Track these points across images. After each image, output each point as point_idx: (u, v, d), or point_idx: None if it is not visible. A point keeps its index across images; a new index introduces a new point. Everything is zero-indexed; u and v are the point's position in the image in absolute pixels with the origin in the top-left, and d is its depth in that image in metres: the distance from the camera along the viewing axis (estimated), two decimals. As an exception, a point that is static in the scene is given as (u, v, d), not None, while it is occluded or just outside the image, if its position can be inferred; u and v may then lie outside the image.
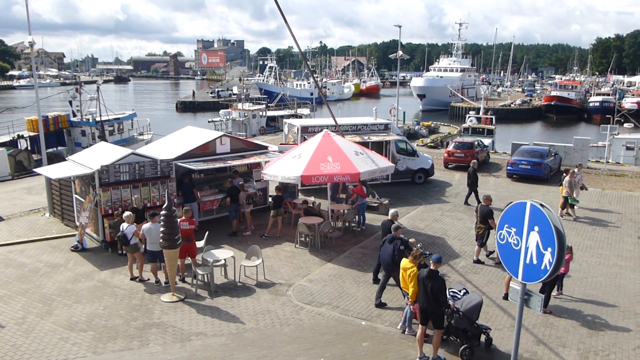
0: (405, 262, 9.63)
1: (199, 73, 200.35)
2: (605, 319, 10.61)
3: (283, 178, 14.69)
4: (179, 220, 11.49)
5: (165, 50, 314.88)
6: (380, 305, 11.01)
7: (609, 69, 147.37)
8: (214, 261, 11.85)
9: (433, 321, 8.88)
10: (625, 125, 39.86)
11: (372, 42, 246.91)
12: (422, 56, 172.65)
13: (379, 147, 21.12)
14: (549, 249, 6.00)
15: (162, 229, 10.86)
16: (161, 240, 10.89)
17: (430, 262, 8.89)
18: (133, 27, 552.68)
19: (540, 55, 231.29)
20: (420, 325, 9.09)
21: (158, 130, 36.80)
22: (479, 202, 18.04)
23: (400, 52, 41.44)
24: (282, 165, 14.92)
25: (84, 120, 31.65)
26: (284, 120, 26.40)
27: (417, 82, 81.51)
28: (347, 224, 16.41)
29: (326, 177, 14.16)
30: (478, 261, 13.58)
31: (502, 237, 6.76)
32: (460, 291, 9.79)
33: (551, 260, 5.99)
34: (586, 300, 11.48)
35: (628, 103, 66.25)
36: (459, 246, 14.88)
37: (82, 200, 14.50)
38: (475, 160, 20.29)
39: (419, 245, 11.71)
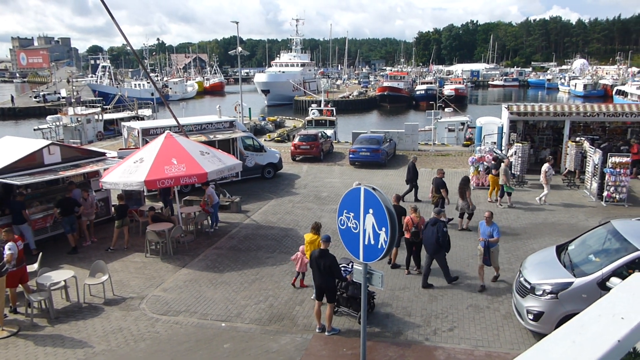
0: (309, 236, 11.03)
1: (17, 75, 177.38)
2: (442, 284, 11.86)
3: (125, 185, 13.82)
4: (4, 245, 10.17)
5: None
6: (428, 286, 11.69)
7: (431, 60, 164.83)
8: (52, 284, 10.72)
9: (327, 296, 9.59)
10: (446, 110, 44.70)
11: (212, 39, 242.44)
12: (263, 52, 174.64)
13: (226, 145, 20.92)
14: (384, 229, 6.53)
15: (-19, 256, 9.52)
16: (-18, 270, 9.55)
17: (320, 242, 9.74)
18: None
19: (371, 48, 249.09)
20: (316, 301, 9.77)
21: (-30, 144, 31.89)
22: (416, 199, 18.61)
23: (240, 49, 41.40)
24: (123, 172, 14.00)
25: None
26: (123, 123, 24.78)
27: (260, 77, 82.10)
28: (199, 226, 16.03)
29: (172, 180, 13.64)
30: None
31: (342, 222, 7.15)
32: (348, 264, 10.60)
33: (386, 239, 6.53)
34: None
35: (447, 90, 74.72)
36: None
37: None
38: (415, 156, 20.71)
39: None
